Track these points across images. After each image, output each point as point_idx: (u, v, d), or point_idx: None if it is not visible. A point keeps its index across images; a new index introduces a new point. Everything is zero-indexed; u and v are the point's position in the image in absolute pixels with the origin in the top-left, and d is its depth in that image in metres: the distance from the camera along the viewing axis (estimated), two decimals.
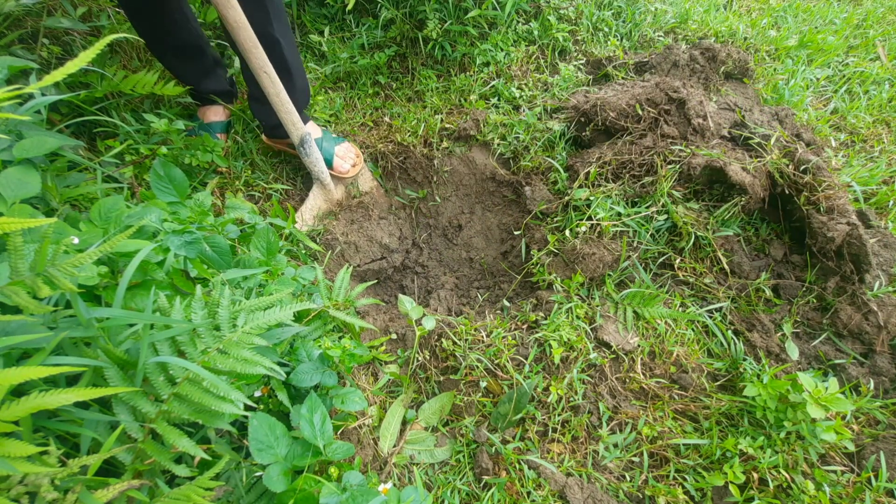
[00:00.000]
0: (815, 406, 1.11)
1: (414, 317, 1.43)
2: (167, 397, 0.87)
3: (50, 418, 0.83)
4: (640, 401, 1.32)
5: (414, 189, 2.02)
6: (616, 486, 1.22)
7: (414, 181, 2.02)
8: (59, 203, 1.19)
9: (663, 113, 1.62)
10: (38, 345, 0.80)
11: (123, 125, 1.64)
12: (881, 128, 1.96)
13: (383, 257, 1.92)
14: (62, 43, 1.77)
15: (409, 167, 1.99)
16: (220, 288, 1.01)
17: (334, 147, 1.78)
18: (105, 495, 0.75)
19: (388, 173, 2.03)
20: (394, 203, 2.02)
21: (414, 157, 1.98)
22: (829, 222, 1.35)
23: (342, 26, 2.25)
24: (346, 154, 1.83)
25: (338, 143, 1.81)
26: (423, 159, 1.98)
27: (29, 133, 1.13)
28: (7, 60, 1.26)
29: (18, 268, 0.76)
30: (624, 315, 1.42)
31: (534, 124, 1.85)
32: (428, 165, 1.98)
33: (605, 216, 1.51)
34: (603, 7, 2.18)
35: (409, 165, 1.98)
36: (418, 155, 1.97)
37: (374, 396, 1.34)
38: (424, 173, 2.02)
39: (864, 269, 1.33)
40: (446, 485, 1.23)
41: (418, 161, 1.98)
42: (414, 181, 2.02)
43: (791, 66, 2.11)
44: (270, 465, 1.00)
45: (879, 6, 2.58)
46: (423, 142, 1.96)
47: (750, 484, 1.16)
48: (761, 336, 1.38)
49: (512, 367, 1.32)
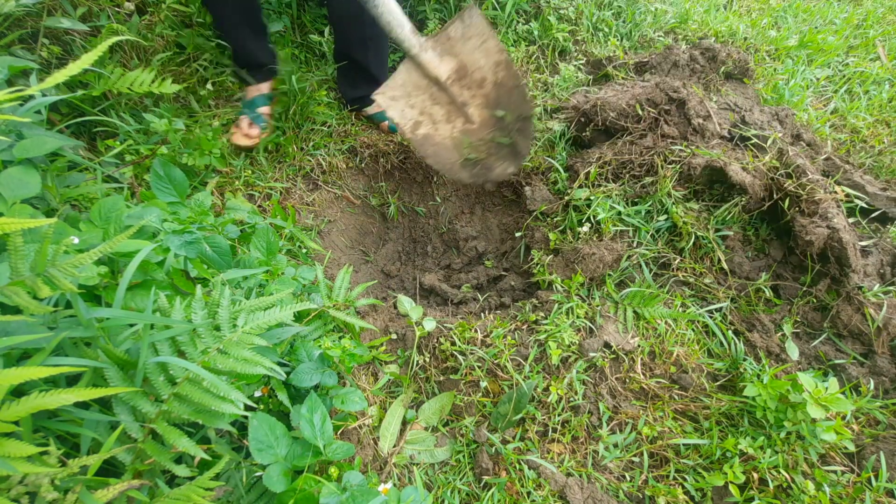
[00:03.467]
0: (815, 406, 1.11)
1: (414, 317, 1.43)
2: (167, 397, 0.87)
3: (50, 418, 0.83)
4: (640, 401, 1.32)
5: (415, 190, 2.02)
6: (616, 486, 1.22)
7: (414, 181, 2.02)
8: (59, 203, 1.19)
9: (663, 113, 1.62)
10: (39, 345, 0.80)
11: (123, 125, 1.64)
12: (881, 128, 1.96)
13: (381, 257, 1.92)
14: (62, 43, 1.76)
15: (410, 167, 1.99)
16: (220, 288, 1.01)
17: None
18: (105, 495, 0.75)
19: (388, 173, 2.04)
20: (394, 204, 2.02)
21: (414, 157, 1.98)
22: (809, 226, 1.36)
23: None
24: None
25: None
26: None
27: (29, 133, 1.13)
28: (7, 60, 1.26)
29: (18, 268, 0.76)
30: (624, 315, 1.42)
31: (534, 124, 1.85)
32: (428, 165, 1.98)
33: (606, 216, 1.51)
34: (603, 7, 2.18)
35: (409, 165, 1.98)
36: (419, 155, 1.98)
37: (374, 396, 1.34)
38: (425, 173, 2.02)
39: (847, 272, 1.34)
40: (446, 485, 1.23)
41: (418, 161, 1.98)
42: (414, 181, 2.02)
43: (791, 66, 2.11)
44: (270, 465, 1.00)
45: (879, 6, 2.58)
46: None
47: (750, 484, 1.16)
48: (761, 336, 1.38)
49: (512, 368, 1.32)
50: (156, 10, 2.00)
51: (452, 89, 1.47)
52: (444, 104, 1.51)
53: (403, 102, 1.49)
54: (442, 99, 1.50)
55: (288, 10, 2.15)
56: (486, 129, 1.54)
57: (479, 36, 1.42)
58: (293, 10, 2.19)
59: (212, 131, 1.75)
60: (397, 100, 1.48)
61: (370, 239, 2.01)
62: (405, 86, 1.47)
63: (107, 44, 0.90)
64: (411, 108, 1.50)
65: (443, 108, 1.52)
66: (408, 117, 1.50)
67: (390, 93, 1.48)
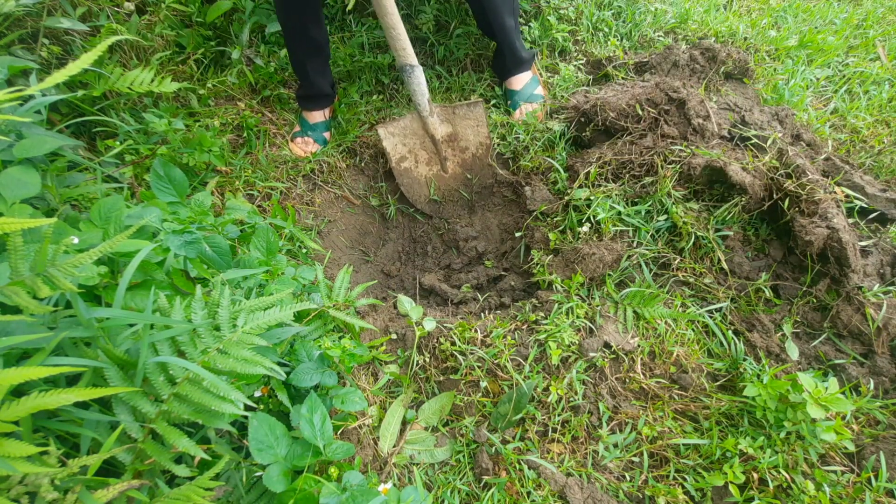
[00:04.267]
0: (815, 406, 1.11)
1: (414, 317, 1.43)
2: (167, 397, 0.87)
3: (50, 418, 0.83)
4: (640, 401, 1.32)
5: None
6: (616, 486, 1.22)
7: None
8: (58, 203, 1.19)
9: (663, 113, 1.62)
10: (38, 345, 0.80)
11: (123, 125, 1.64)
12: (881, 128, 1.96)
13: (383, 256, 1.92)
14: (62, 43, 1.77)
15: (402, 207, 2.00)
16: (220, 288, 1.01)
17: (521, 103, 1.93)
18: (105, 495, 0.75)
19: (388, 173, 2.04)
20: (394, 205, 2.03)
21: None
22: (809, 226, 1.36)
23: (342, 26, 2.25)
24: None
25: (531, 100, 1.94)
26: None
27: (29, 133, 1.13)
28: (7, 60, 1.26)
29: (18, 268, 0.76)
30: (624, 315, 1.42)
31: (534, 124, 1.85)
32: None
33: (606, 216, 1.51)
34: (603, 7, 2.18)
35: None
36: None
37: (374, 396, 1.34)
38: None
39: (846, 272, 1.34)
40: (446, 485, 1.23)
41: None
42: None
43: (791, 66, 2.11)
44: (270, 465, 1.00)
45: (879, 6, 2.58)
46: None
47: (750, 484, 1.16)
48: (761, 336, 1.38)
49: (512, 368, 1.32)
50: (156, 10, 2.00)
51: (441, 146, 1.86)
52: (429, 152, 1.90)
53: (398, 140, 1.86)
54: (429, 148, 1.89)
55: None
56: (454, 181, 1.95)
57: (476, 121, 1.83)
58: None
59: (212, 130, 1.75)
60: (395, 136, 1.85)
61: (370, 239, 2.01)
62: (405, 129, 1.85)
63: (106, 43, 0.90)
64: (403, 145, 1.88)
65: (427, 154, 1.90)
66: (398, 151, 1.88)
67: (391, 129, 1.84)
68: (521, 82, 1.96)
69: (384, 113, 2.05)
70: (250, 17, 2.09)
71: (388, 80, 2.13)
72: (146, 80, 1.62)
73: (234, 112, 1.97)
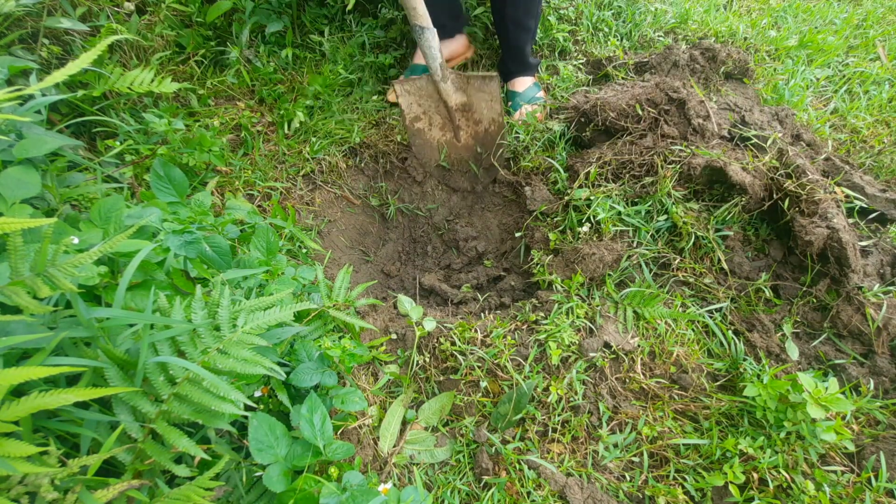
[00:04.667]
0: (815, 406, 1.11)
1: (414, 317, 1.43)
2: (167, 397, 0.87)
3: (50, 418, 0.83)
4: (640, 401, 1.32)
5: (414, 189, 2.02)
6: (616, 486, 1.22)
7: (415, 181, 2.02)
8: (58, 203, 1.19)
9: (663, 113, 1.62)
10: (38, 345, 0.80)
11: (123, 125, 1.64)
12: (881, 128, 1.96)
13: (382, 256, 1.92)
14: (62, 43, 1.76)
15: (410, 167, 1.99)
16: (220, 288, 1.01)
17: (523, 105, 1.91)
18: (105, 495, 0.75)
19: (388, 173, 2.03)
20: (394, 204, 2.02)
21: (415, 157, 1.98)
22: (809, 226, 1.36)
23: (342, 26, 2.25)
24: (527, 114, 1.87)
25: (533, 101, 1.91)
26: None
27: (29, 133, 1.13)
28: (7, 60, 1.26)
29: (18, 268, 0.76)
30: (624, 315, 1.42)
31: (534, 124, 1.85)
32: (415, 155, 1.98)
33: (606, 216, 1.51)
34: (603, 7, 2.18)
35: (409, 165, 1.98)
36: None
37: (374, 396, 1.34)
38: (425, 173, 2.02)
39: (846, 272, 1.34)
40: (446, 485, 1.23)
41: (419, 161, 1.98)
42: (415, 181, 2.02)
43: (791, 67, 2.11)
44: (270, 465, 1.00)
45: (879, 6, 2.58)
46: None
47: (750, 484, 1.16)
48: (761, 336, 1.38)
49: (512, 368, 1.32)
50: (156, 10, 2.00)
51: (454, 113, 1.83)
52: (443, 118, 1.87)
53: (414, 99, 1.83)
54: (443, 113, 1.85)
55: (288, 10, 2.15)
56: (465, 151, 1.93)
57: (491, 95, 1.79)
58: (293, 10, 2.19)
59: (211, 130, 1.75)
60: (410, 94, 1.82)
61: (370, 239, 2.01)
62: (420, 90, 1.81)
63: (105, 42, 0.90)
64: (418, 105, 1.84)
65: (441, 119, 1.87)
66: (413, 111, 1.84)
67: (407, 87, 1.80)
68: (523, 85, 1.97)
69: (384, 113, 2.05)
70: (250, 17, 2.09)
71: (389, 79, 2.13)
72: (146, 80, 1.62)
73: (233, 112, 1.97)
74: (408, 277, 1.91)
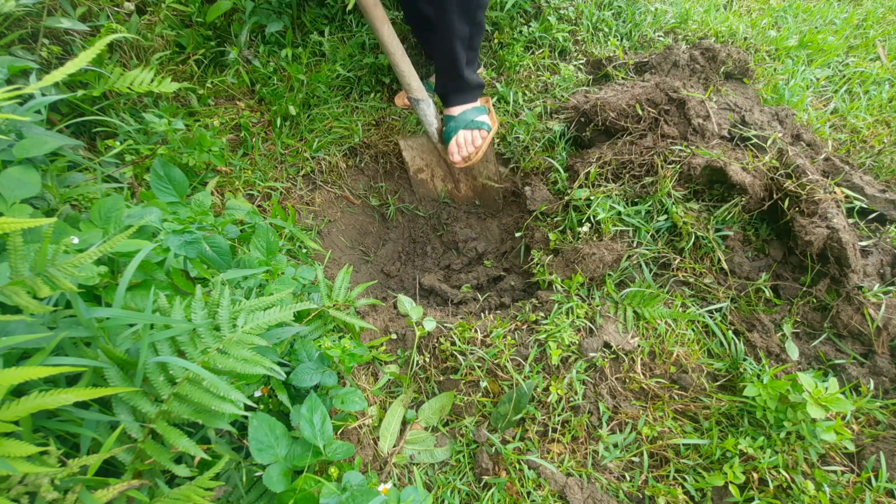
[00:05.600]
0: (815, 406, 1.11)
1: (414, 317, 1.43)
2: (167, 397, 0.87)
3: (50, 418, 0.83)
4: (640, 401, 1.32)
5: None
6: (616, 486, 1.22)
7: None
8: (58, 203, 1.19)
9: (663, 113, 1.62)
10: (38, 345, 0.80)
11: (123, 125, 1.64)
12: (881, 128, 1.96)
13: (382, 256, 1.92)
14: (62, 43, 1.76)
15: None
16: (220, 288, 1.01)
17: (459, 130, 1.76)
18: (105, 495, 0.75)
19: (388, 173, 2.03)
20: (395, 205, 2.03)
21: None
22: (809, 226, 1.36)
23: (342, 26, 2.24)
24: (465, 143, 1.77)
25: (471, 127, 1.76)
26: None
27: (29, 133, 1.13)
28: (7, 60, 1.26)
29: (18, 268, 0.76)
30: (624, 315, 1.42)
31: (534, 124, 1.85)
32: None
33: (606, 216, 1.51)
34: (603, 7, 2.18)
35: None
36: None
37: (374, 396, 1.34)
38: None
39: (846, 272, 1.34)
40: (446, 485, 1.23)
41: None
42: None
43: (791, 67, 2.11)
44: (270, 465, 1.00)
45: (879, 6, 2.58)
46: None
47: (750, 484, 1.16)
48: (761, 336, 1.38)
49: (512, 368, 1.32)
50: (156, 10, 2.00)
51: (454, 169, 1.94)
52: (445, 171, 2.00)
53: (417, 153, 1.96)
54: (444, 168, 1.99)
55: (288, 10, 2.15)
56: (465, 201, 2.06)
57: (485, 157, 1.88)
58: (293, 10, 2.19)
59: (211, 129, 1.75)
60: (413, 149, 1.95)
61: (370, 239, 2.01)
62: (423, 146, 1.94)
63: (105, 41, 0.90)
64: (421, 159, 1.97)
65: (442, 172, 2.00)
66: (416, 163, 1.98)
67: (410, 143, 1.94)
68: (459, 110, 1.76)
69: (384, 112, 2.05)
70: (250, 17, 2.09)
71: (389, 79, 2.13)
72: (146, 80, 1.61)
73: (233, 112, 1.97)
74: (408, 277, 1.91)
